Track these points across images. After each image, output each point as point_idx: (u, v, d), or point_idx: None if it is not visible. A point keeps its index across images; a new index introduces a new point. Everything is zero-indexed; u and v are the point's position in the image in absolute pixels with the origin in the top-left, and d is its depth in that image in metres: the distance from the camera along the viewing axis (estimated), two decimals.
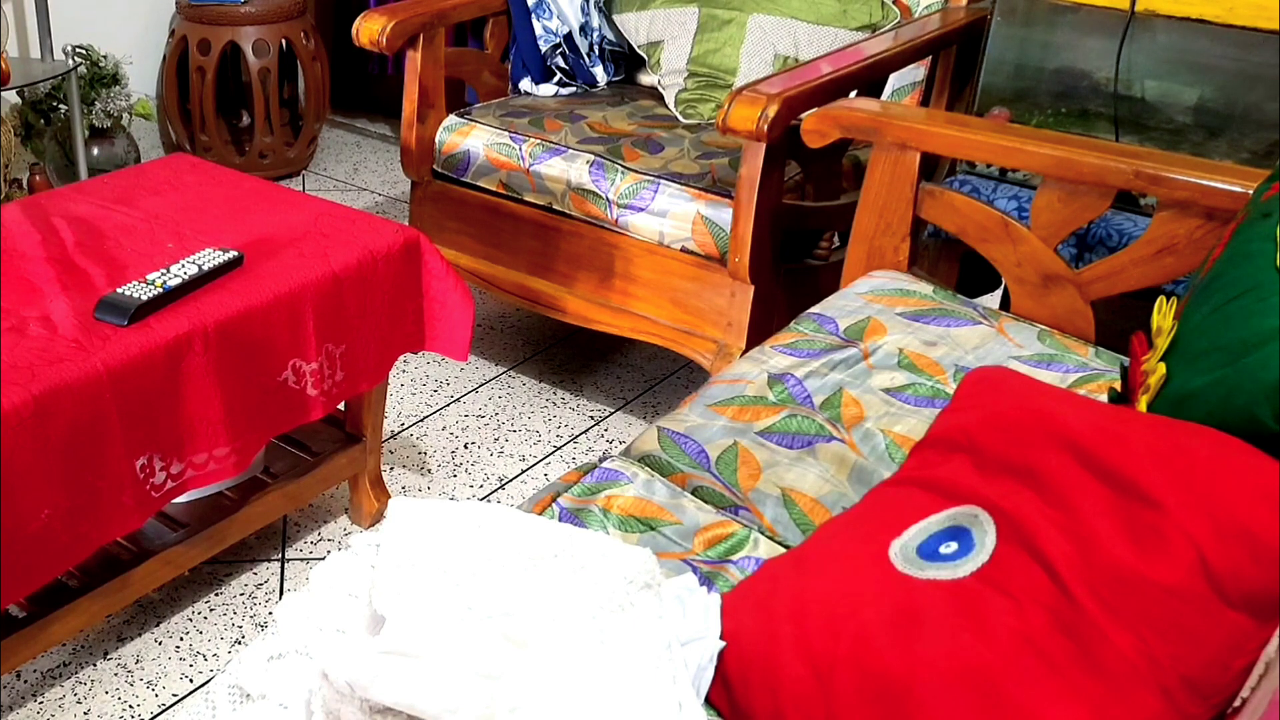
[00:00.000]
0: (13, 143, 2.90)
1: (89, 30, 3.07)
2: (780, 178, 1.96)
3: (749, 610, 1.03)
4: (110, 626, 1.77)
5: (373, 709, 0.92)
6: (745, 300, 2.03)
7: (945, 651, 0.91)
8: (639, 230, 2.12)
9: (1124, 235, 1.74)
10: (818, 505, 1.26)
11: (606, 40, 2.61)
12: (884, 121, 1.70)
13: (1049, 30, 1.92)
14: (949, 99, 2.29)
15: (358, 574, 1.03)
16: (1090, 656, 0.89)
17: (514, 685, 0.89)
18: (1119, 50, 1.84)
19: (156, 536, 1.68)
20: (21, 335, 1.41)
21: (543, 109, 2.40)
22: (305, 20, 3.29)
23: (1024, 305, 1.65)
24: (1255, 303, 1.12)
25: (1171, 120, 1.86)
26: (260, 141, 3.31)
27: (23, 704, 1.63)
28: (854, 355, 1.48)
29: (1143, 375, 1.22)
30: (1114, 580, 0.91)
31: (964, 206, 1.68)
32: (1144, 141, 1.87)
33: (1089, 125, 1.91)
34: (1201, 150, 1.82)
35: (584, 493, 1.26)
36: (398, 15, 2.20)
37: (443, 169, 2.34)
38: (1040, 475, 1.01)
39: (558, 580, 0.99)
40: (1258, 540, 0.88)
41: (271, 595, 1.85)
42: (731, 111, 1.80)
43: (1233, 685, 0.88)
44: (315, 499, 2.01)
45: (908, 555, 1.01)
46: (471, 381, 2.47)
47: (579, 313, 2.25)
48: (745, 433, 1.35)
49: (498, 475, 2.17)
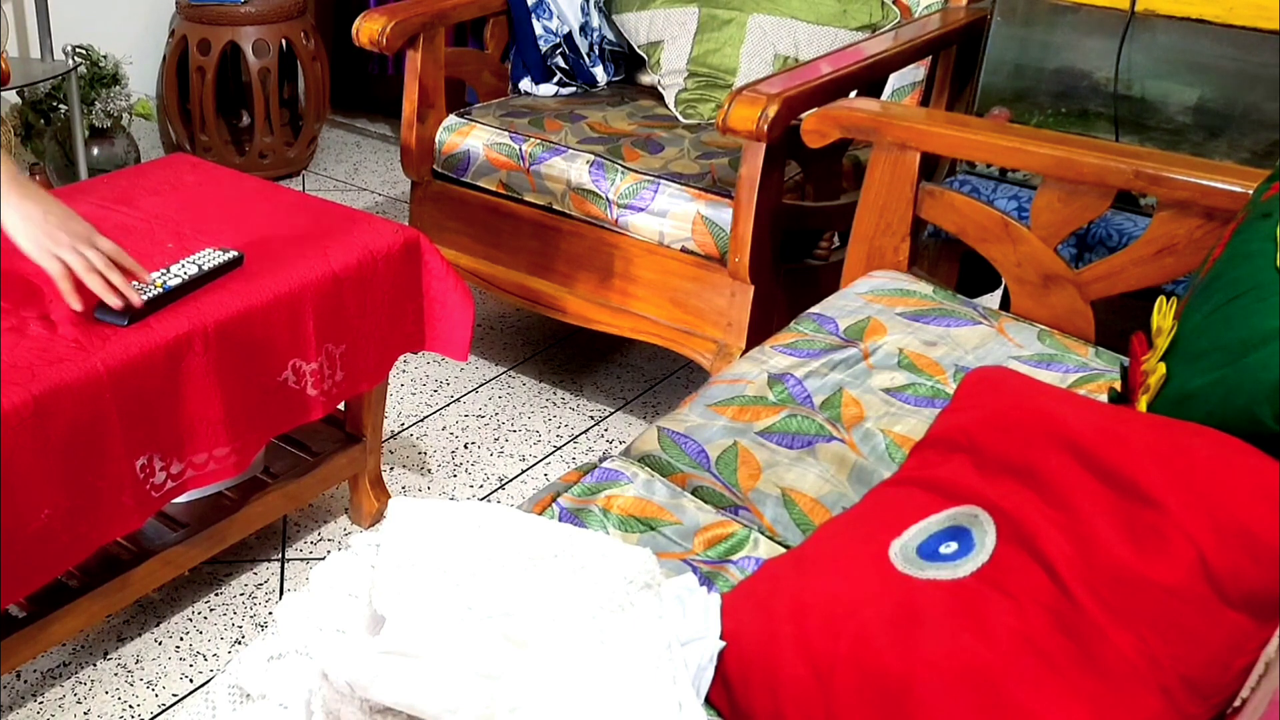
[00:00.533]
0: (13, 143, 2.90)
1: (89, 30, 3.07)
2: (780, 178, 1.96)
3: (749, 610, 1.03)
4: (110, 626, 1.77)
5: (373, 709, 0.92)
6: (745, 300, 2.03)
7: (945, 651, 0.91)
8: (639, 230, 2.12)
9: (1124, 235, 1.74)
10: (818, 505, 1.26)
11: (606, 40, 2.61)
12: (884, 121, 1.70)
13: (1049, 30, 1.92)
14: (949, 99, 2.29)
15: (358, 574, 1.03)
16: (1090, 656, 0.89)
17: (514, 685, 0.89)
18: (1119, 50, 1.84)
19: (156, 536, 1.68)
20: (21, 335, 1.41)
21: (543, 109, 2.40)
22: (305, 20, 3.29)
23: (1024, 305, 1.65)
24: (1255, 303, 1.12)
25: (1171, 120, 1.86)
26: (260, 141, 3.31)
27: (23, 704, 1.63)
28: (854, 355, 1.48)
29: (1143, 375, 1.22)
30: (1114, 580, 0.91)
31: (964, 206, 1.68)
32: (1144, 141, 1.87)
33: (1089, 125, 1.91)
34: (1201, 150, 1.82)
35: (584, 493, 1.26)
36: (398, 15, 2.20)
37: (443, 169, 2.34)
38: (1040, 475, 1.01)
39: (558, 580, 0.99)
40: (1258, 540, 0.88)
41: (271, 595, 1.85)
42: (731, 111, 1.80)
43: (1233, 685, 0.88)
44: (315, 499, 2.01)
45: (908, 555, 1.01)
46: (471, 381, 2.47)
47: (579, 313, 2.25)
48: (745, 433, 1.35)
49: (498, 475, 2.17)
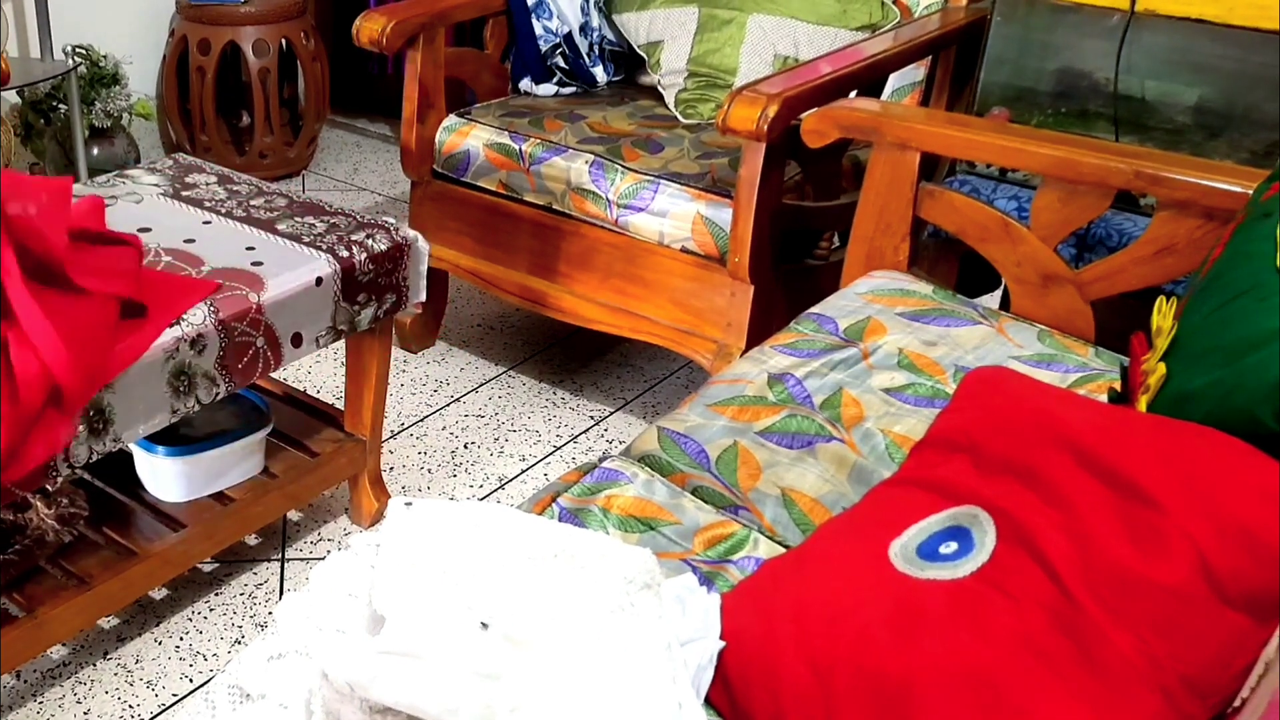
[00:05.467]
0: (13, 143, 2.90)
1: (89, 30, 3.07)
2: (780, 178, 1.96)
3: (749, 610, 1.03)
4: (110, 626, 1.77)
5: (373, 709, 0.92)
6: (745, 300, 2.03)
7: (945, 651, 0.91)
8: (639, 230, 2.12)
9: (1124, 235, 1.74)
10: (818, 505, 1.26)
11: (606, 40, 2.61)
12: (884, 121, 1.70)
13: (1049, 30, 1.92)
14: (949, 99, 2.29)
15: (358, 574, 1.03)
16: (1090, 657, 0.89)
17: (514, 685, 0.89)
18: (1119, 50, 1.84)
19: (156, 536, 1.68)
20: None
21: (543, 109, 2.40)
22: (305, 20, 3.29)
23: (1024, 305, 1.65)
24: (1255, 303, 1.12)
25: (1171, 120, 1.86)
26: (260, 141, 3.31)
27: (23, 704, 1.63)
28: (854, 355, 1.48)
29: (1143, 375, 1.23)
30: (1114, 580, 0.91)
31: (964, 206, 1.68)
32: (1144, 141, 1.87)
33: (1089, 125, 1.91)
34: (1201, 150, 1.82)
35: (584, 493, 1.26)
36: (398, 15, 2.20)
37: (443, 169, 2.34)
38: (1040, 475, 1.01)
39: (557, 580, 0.99)
40: (1258, 540, 0.88)
41: (271, 595, 1.85)
42: (731, 111, 1.80)
43: (1233, 685, 0.88)
44: (315, 499, 2.01)
45: (907, 555, 1.01)
46: (471, 381, 2.47)
47: (579, 313, 2.25)
48: (745, 433, 1.35)
49: (498, 475, 2.17)
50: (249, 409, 1.84)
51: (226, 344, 1.56)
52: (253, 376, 1.63)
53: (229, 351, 1.57)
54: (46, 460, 1.37)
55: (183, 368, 1.52)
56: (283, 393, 2.02)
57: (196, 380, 1.54)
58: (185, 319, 1.51)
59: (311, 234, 1.75)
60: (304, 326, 1.68)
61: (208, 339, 1.53)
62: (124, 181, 1.89)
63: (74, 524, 1.63)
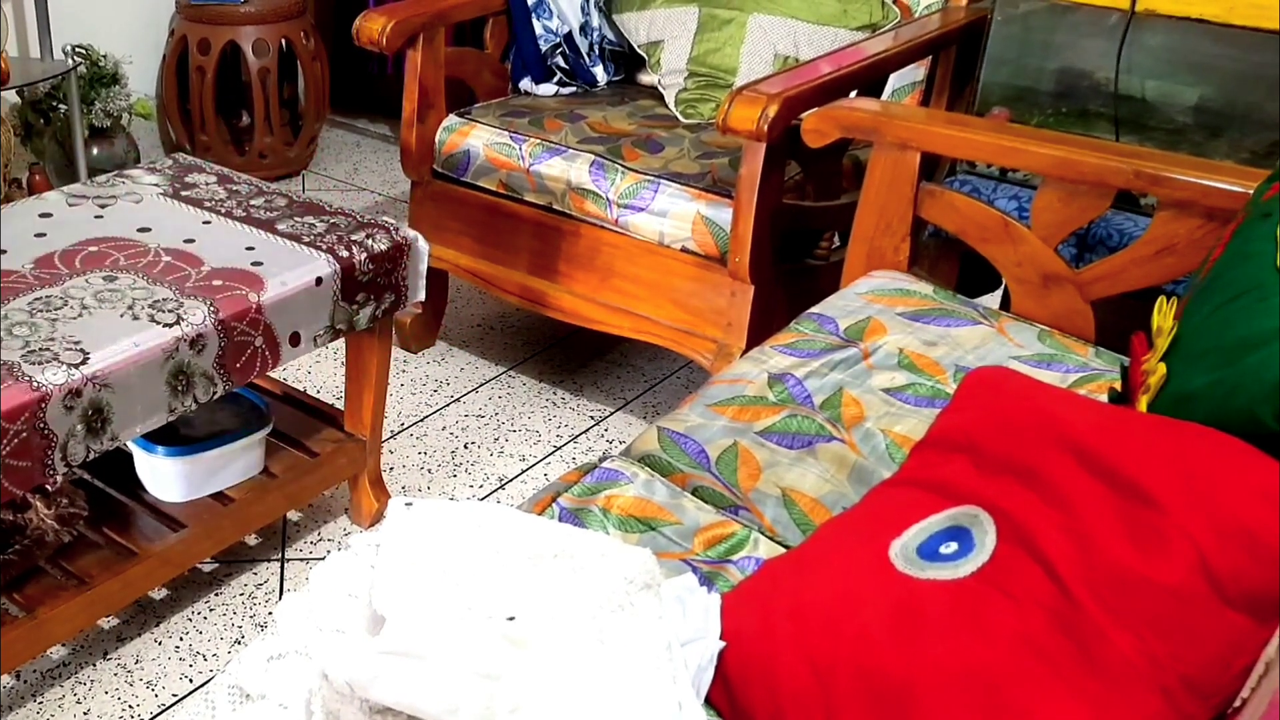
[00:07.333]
0: (12, 142, 2.90)
1: (89, 30, 3.07)
2: (780, 178, 1.96)
3: (749, 610, 1.03)
4: (110, 626, 1.77)
5: (373, 709, 0.92)
6: (745, 300, 2.03)
7: (945, 652, 0.91)
8: (639, 230, 2.12)
9: (1124, 235, 1.74)
10: (818, 505, 1.25)
11: (606, 40, 2.61)
12: (884, 121, 1.70)
13: (1049, 30, 1.92)
14: (949, 99, 2.29)
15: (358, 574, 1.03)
16: (1090, 657, 0.89)
17: (514, 685, 0.89)
18: (1119, 50, 1.84)
19: (156, 536, 1.68)
20: None
21: (543, 109, 2.40)
22: (305, 20, 3.28)
23: (1024, 305, 1.65)
24: (1255, 303, 1.12)
25: (1171, 120, 1.86)
26: (260, 141, 3.31)
27: (23, 704, 1.63)
28: (854, 355, 1.48)
29: (1143, 375, 1.22)
30: (1114, 580, 0.91)
31: (964, 206, 1.68)
32: (1144, 141, 1.87)
33: (1089, 125, 1.91)
34: (1201, 150, 1.82)
35: (584, 493, 1.26)
36: (398, 15, 2.20)
37: (443, 169, 2.34)
38: (1040, 475, 1.01)
39: (557, 580, 0.99)
40: (1258, 540, 0.88)
41: (271, 595, 1.85)
42: (731, 111, 1.79)
43: (1233, 685, 0.88)
44: (315, 499, 2.01)
45: (908, 555, 1.01)
46: (471, 381, 2.47)
47: (579, 313, 2.25)
48: (745, 433, 1.35)
49: (498, 475, 2.17)
50: (249, 409, 1.84)
51: (225, 344, 1.56)
52: (250, 375, 1.62)
53: (228, 351, 1.57)
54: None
55: (181, 367, 1.52)
56: (282, 393, 2.02)
57: (194, 380, 1.54)
58: (185, 319, 1.51)
59: (311, 234, 1.75)
60: (302, 326, 1.68)
61: (207, 339, 1.53)
62: (124, 181, 1.89)
63: (74, 524, 1.63)
